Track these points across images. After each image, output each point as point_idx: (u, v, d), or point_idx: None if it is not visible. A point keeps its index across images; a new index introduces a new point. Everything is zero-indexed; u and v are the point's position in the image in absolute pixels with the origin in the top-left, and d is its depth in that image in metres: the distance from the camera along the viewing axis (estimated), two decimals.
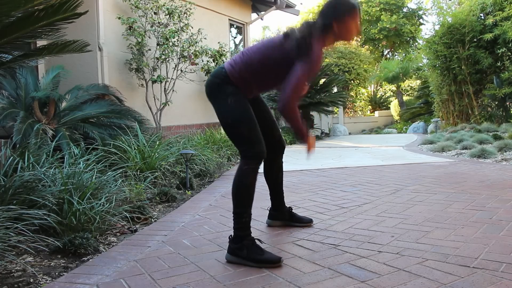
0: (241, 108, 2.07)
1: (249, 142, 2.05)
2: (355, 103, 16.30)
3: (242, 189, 2.06)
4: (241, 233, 2.00)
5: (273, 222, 2.55)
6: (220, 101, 2.10)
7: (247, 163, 2.05)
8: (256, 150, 2.05)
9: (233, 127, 2.08)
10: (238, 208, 2.05)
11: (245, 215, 2.03)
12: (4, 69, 2.68)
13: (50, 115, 4.17)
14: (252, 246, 1.96)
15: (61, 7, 2.18)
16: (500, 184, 3.53)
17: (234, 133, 2.10)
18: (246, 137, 2.05)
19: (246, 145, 2.05)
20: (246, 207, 2.05)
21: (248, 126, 2.05)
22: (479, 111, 9.72)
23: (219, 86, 2.11)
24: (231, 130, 2.10)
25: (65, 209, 2.36)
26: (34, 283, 1.79)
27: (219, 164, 5.05)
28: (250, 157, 2.04)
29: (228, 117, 2.08)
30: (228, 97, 2.07)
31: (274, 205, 2.54)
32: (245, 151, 2.06)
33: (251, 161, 2.04)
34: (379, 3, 18.24)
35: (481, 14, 9.47)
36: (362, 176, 4.25)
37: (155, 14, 5.92)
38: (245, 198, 2.05)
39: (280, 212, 2.54)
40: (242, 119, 2.05)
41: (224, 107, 2.09)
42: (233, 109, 2.06)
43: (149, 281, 1.75)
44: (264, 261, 1.90)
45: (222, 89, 2.10)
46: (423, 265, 1.81)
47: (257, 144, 2.05)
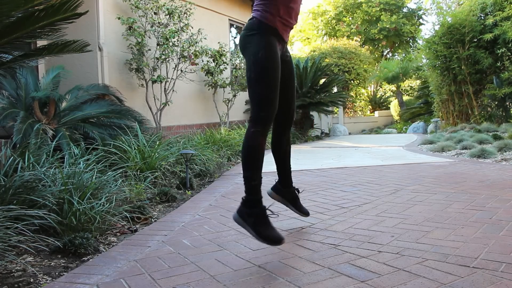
0: (271, 66, 2.02)
1: (261, 104, 2.02)
2: (355, 103, 16.31)
3: (250, 151, 2.03)
4: (252, 197, 1.99)
5: (273, 194, 2.51)
6: (252, 53, 2.05)
7: (254, 125, 2.03)
8: (263, 114, 2.01)
9: (256, 82, 2.03)
10: (247, 172, 2.02)
11: (255, 178, 2.01)
12: (4, 69, 2.68)
13: (50, 115, 4.17)
14: (261, 217, 1.94)
15: (61, 7, 2.18)
16: (500, 184, 3.53)
17: (254, 88, 2.05)
18: (261, 98, 2.02)
19: (257, 106, 2.03)
20: (255, 169, 2.02)
21: (269, 88, 2.01)
22: (479, 111, 9.72)
23: (252, 38, 2.07)
24: (253, 84, 2.05)
25: (65, 209, 2.36)
26: (34, 283, 1.79)
27: (219, 164, 5.05)
28: (256, 120, 2.02)
29: (255, 70, 2.04)
30: (260, 50, 2.03)
31: (281, 179, 2.49)
32: (253, 112, 2.04)
33: (257, 124, 2.02)
34: (379, 3, 18.25)
35: (481, 14, 9.46)
36: (362, 176, 4.25)
37: (155, 14, 5.92)
38: (253, 161, 2.02)
39: (285, 190, 2.49)
40: (267, 77, 2.01)
41: (254, 60, 2.04)
42: (263, 64, 2.02)
43: (149, 281, 1.75)
44: (266, 237, 1.89)
45: (255, 41, 2.06)
46: (423, 265, 1.81)
47: (267, 109, 2.01)
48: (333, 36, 18.94)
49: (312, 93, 9.14)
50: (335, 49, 13.97)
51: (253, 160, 2.02)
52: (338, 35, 18.73)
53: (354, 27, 18.79)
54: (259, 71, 2.03)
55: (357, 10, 18.89)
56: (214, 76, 7.30)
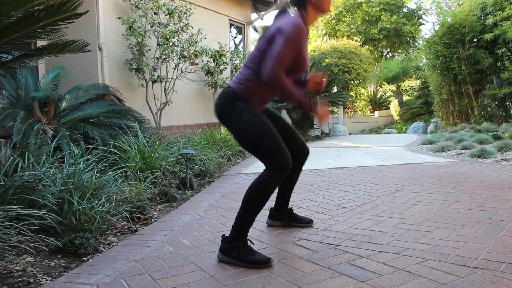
0: (258, 121, 2.00)
1: (274, 153, 1.97)
2: (355, 103, 16.30)
3: (257, 199, 1.99)
4: (237, 236, 1.98)
5: (273, 222, 2.55)
6: (234, 119, 2.04)
7: (272, 175, 1.97)
8: (282, 160, 1.96)
9: (254, 141, 2.00)
10: (245, 213, 2.00)
11: (249, 221, 2.01)
12: (4, 69, 2.68)
13: (50, 115, 4.17)
14: (242, 246, 1.94)
15: (61, 7, 2.18)
16: (500, 184, 3.53)
17: (257, 148, 2.01)
18: (270, 148, 1.97)
19: (272, 156, 1.98)
20: (254, 214, 2.01)
21: (270, 137, 1.98)
22: (479, 111, 9.72)
23: (229, 106, 2.05)
24: (253, 145, 2.02)
25: (65, 209, 2.36)
26: (34, 283, 1.79)
27: (219, 164, 5.05)
28: (276, 169, 1.96)
29: (246, 133, 2.01)
30: (241, 113, 2.02)
31: (277, 206, 2.53)
32: (271, 162, 1.98)
33: (277, 172, 1.96)
34: (379, 3, 18.24)
35: (481, 14, 9.46)
36: (362, 176, 4.25)
37: (155, 14, 5.92)
38: (256, 207, 2.00)
39: (281, 213, 2.53)
40: (262, 131, 1.98)
41: (240, 124, 2.02)
42: (250, 123, 2.00)
43: (149, 281, 1.75)
44: (254, 262, 1.89)
45: (233, 107, 2.04)
46: (423, 265, 1.81)
47: (283, 155, 1.97)
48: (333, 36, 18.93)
49: (312, 93, 9.13)
50: (335, 49, 13.96)
51: (257, 207, 2.01)
52: (338, 35, 18.72)
53: (354, 27, 18.78)
54: (252, 129, 2.00)
55: (357, 10, 18.88)
56: (214, 76, 7.30)
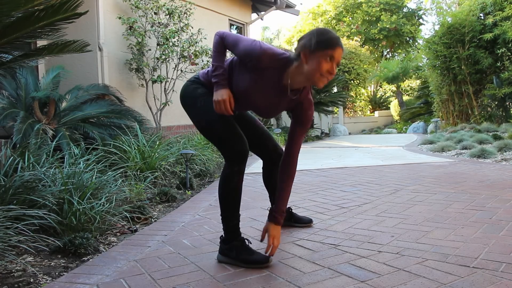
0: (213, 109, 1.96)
1: (228, 141, 1.96)
2: (355, 103, 16.31)
3: (228, 193, 1.98)
4: (230, 236, 1.98)
5: None
6: (191, 105, 2.05)
7: (230, 165, 1.96)
8: (236, 149, 1.94)
9: (209, 129, 2.00)
10: (225, 212, 1.99)
11: (233, 219, 1.99)
12: (4, 69, 2.68)
13: (50, 115, 4.17)
14: (241, 247, 1.94)
15: (61, 7, 2.18)
16: (500, 184, 3.53)
17: (211, 135, 2.01)
18: (224, 137, 1.96)
19: (226, 145, 1.97)
20: (233, 211, 1.99)
21: (223, 125, 1.96)
22: (479, 111, 9.72)
23: (188, 89, 2.08)
24: (208, 132, 2.02)
25: (65, 209, 2.36)
26: (34, 283, 1.79)
27: (219, 164, 5.05)
28: (231, 158, 1.96)
29: (201, 120, 2.02)
30: (197, 99, 2.02)
31: None
32: (225, 152, 1.97)
33: (234, 162, 1.95)
34: (379, 3, 18.25)
35: (481, 14, 9.47)
36: (362, 176, 4.25)
37: (155, 14, 5.92)
38: (231, 202, 1.98)
39: None
40: (215, 119, 1.96)
41: (196, 110, 2.03)
42: (205, 110, 1.99)
43: (149, 281, 1.75)
44: (253, 262, 1.89)
45: (191, 91, 2.06)
46: (423, 265, 1.81)
47: (237, 143, 1.95)
48: None
49: (312, 93, 9.13)
50: None
51: (232, 202, 1.99)
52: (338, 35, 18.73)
53: (354, 27, 18.79)
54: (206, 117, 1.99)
55: (357, 10, 18.89)
56: None
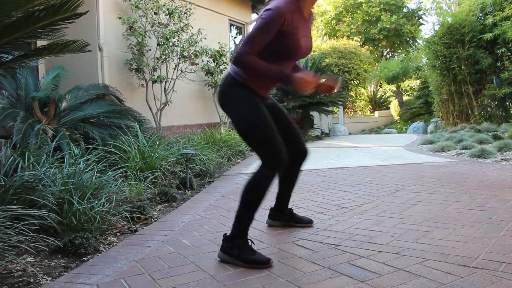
0: (256, 112, 1.97)
1: (269, 148, 1.95)
2: (355, 103, 16.30)
3: (254, 195, 1.97)
4: (238, 235, 1.98)
5: (274, 222, 2.55)
6: (233, 108, 2.02)
7: (266, 170, 1.96)
8: (277, 156, 1.94)
9: (250, 133, 1.98)
10: (244, 211, 1.99)
11: (249, 219, 2.00)
12: (4, 69, 2.68)
13: (50, 115, 4.17)
14: (243, 246, 1.94)
15: (62, 7, 2.18)
16: (500, 184, 3.53)
17: (252, 140, 2.00)
18: (265, 142, 1.95)
19: (266, 151, 1.96)
20: (252, 212, 2.00)
21: (266, 131, 1.95)
22: (479, 111, 9.72)
23: (228, 92, 2.03)
24: (249, 136, 2.00)
25: (65, 209, 2.36)
26: (34, 283, 1.79)
27: (219, 164, 5.05)
28: (270, 164, 1.95)
29: (243, 123, 1.99)
30: (240, 102, 1.99)
31: (277, 206, 2.52)
32: (265, 157, 1.96)
33: (271, 168, 1.95)
34: (379, 3, 18.24)
35: (481, 14, 9.47)
36: (362, 176, 4.25)
37: (155, 14, 5.92)
38: (253, 204, 1.98)
39: (281, 213, 2.53)
40: (258, 124, 1.95)
41: (238, 113, 2.00)
42: (248, 114, 1.97)
43: (149, 281, 1.75)
44: (253, 262, 1.89)
45: (232, 95, 2.02)
46: (423, 265, 1.81)
47: (278, 150, 1.95)
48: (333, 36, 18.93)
49: (312, 93, 9.13)
50: (335, 49, 13.96)
51: (254, 204, 1.99)
52: (338, 35, 18.72)
53: (354, 27, 18.79)
54: (247, 121, 1.98)
55: (357, 10, 18.88)
56: (214, 76, 7.30)
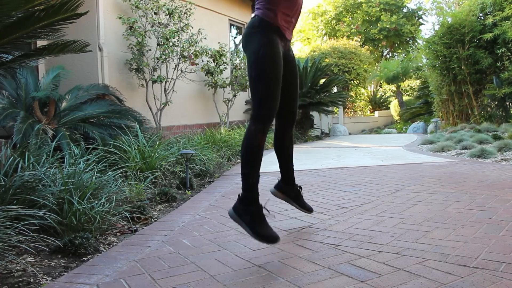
0: (272, 64, 2.01)
1: (262, 102, 2.01)
2: (355, 103, 16.31)
3: (250, 150, 2.03)
4: (249, 194, 1.99)
5: (277, 193, 2.51)
6: (252, 51, 2.05)
7: (255, 123, 2.03)
8: (265, 112, 2.01)
9: (257, 80, 2.03)
10: (246, 169, 2.03)
11: (253, 176, 2.02)
12: (5, 69, 2.68)
13: (50, 115, 4.17)
14: (257, 214, 1.95)
15: (62, 7, 2.18)
16: (500, 184, 3.53)
17: (255, 87, 2.05)
18: (264, 95, 2.01)
19: (258, 104, 2.02)
20: (254, 167, 2.02)
21: (271, 85, 2.00)
22: (479, 111, 9.72)
23: (253, 35, 2.07)
24: (254, 83, 2.04)
25: (65, 209, 2.36)
26: (34, 283, 1.79)
27: (219, 164, 5.05)
28: (257, 118, 2.02)
29: (256, 69, 2.03)
30: (261, 48, 2.02)
31: (283, 177, 2.50)
32: (254, 110, 2.04)
33: (259, 122, 2.02)
34: (379, 3, 18.25)
35: (481, 14, 9.47)
36: (362, 176, 4.25)
37: (155, 14, 5.92)
38: (252, 159, 2.03)
39: (289, 187, 2.49)
40: (268, 75, 2.01)
41: (255, 58, 2.04)
42: (264, 62, 2.02)
43: (149, 281, 1.75)
44: (262, 236, 1.90)
45: (256, 39, 2.05)
46: (423, 265, 1.81)
47: (270, 107, 2.01)
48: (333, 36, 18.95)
49: (312, 93, 9.14)
50: (335, 49, 13.98)
51: (253, 158, 2.03)
52: (338, 35, 18.74)
53: (354, 27, 18.79)
54: (260, 69, 2.02)
55: (357, 10, 18.90)
56: (214, 76, 7.31)
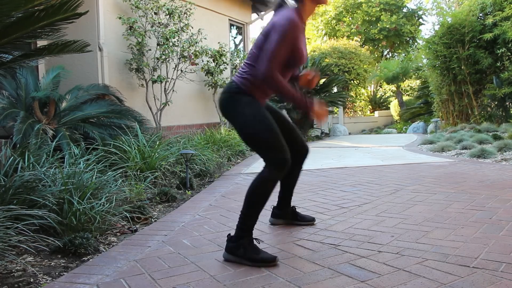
0: (260, 116, 2.02)
1: (274, 149, 1.99)
2: (355, 103, 16.30)
3: (259, 196, 2.00)
4: (242, 234, 1.99)
5: (276, 221, 2.56)
6: (237, 113, 2.05)
7: (272, 171, 1.99)
8: (282, 157, 1.98)
9: (255, 136, 2.02)
10: (249, 210, 2.01)
11: (254, 218, 2.02)
12: (5, 69, 2.68)
13: (50, 115, 4.17)
14: (248, 245, 1.95)
15: (62, 7, 2.18)
16: (500, 184, 3.53)
17: (257, 143, 2.04)
18: (270, 144, 1.99)
19: (272, 152, 1.99)
20: (257, 212, 2.02)
21: (271, 133, 2.00)
22: (479, 111, 9.72)
23: (232, 99, 2.07)
24: (254, 140, 2.04)
25: (65, 209, 2.36)
26: (34, 283, 1.79)
27: (219, 164, 5.05)
28: (275, 165, 1.98)
29: (248, 127, 2.03)
30: (244, 108, 2.03)
31: (279, 204, 2.54)
32: (270, 158, 2.00)
33: (277, 169, 1.98)
34: (379, 3, 18.24)
35: (481, 14, 9.47)
36: (362, 176, 4.25)
37: (155, 14, 5.92)
38: (258, 204, 2.01)
39: (284, 212, 2.54)
40: (263, 127, 2.00)
41: (242, 119, 2.04)
42: (252, 118, 2.01)
43: (149, 281, 1.75)
44: (260, 260, 1.90)
45: (236, 101, 2.06)
46: (423, 265, 1.81)
47: (283, 151, 1.99)
48: (333, 36, 18.93)
49: (312, 93, 9.14)
50: (335, 49, 13.96)
51: (259, 204, 2.01)
52: (338, 35, 18.73)
53: (354, 27, 18.79)
54: (253, 124, 2.01)
55: (357, 10, 18.88)
56: (214, 76, 7.30)
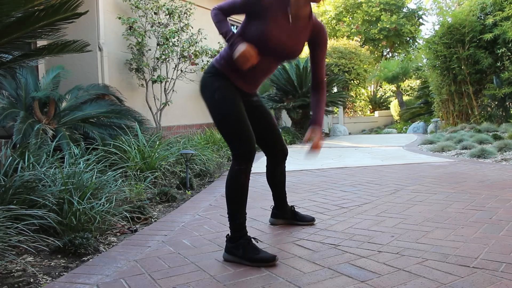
0: (229, 104, 1.99)
1: (237, 140, 1.98)
2: (355, 103, 16.30)
3: (235, 190, 2.00)
4: (236, 234, 1.99)
5: (276, 221, 2.56)
6: (208, 96, 2.05)
7: (237, 163, 1.99)
8: (244, 149, 1.97)
9: (222, 123, 2.01)
10: (232, 210, 2.01)
11: (239, 216, 2.00)
12: (4, 69, 2.68)
13: (50, 115, 4.17)
14: (247, 245, 1.95)
15: (61, 7, 2.18)
16: (500, 184, 3.53)
17: (224, 131, 2.03)
18: (234, 134, 1.98)
19: (235, 143, 1.99)
20: (239, 208, 2.01)
21: (236, 124, 1.98)
22: (479, 111, 9.72)
23: (206, 82, 2.07)
24: (222, 127, 2.03)
25: (65, 209, 2.36)
26: (34, 283, 1.79)
27: (219, 164, 5.05)
28: (238, 156, 1.98)
29: (215, 113, 2.03)
30: (215, 92, 2.02)
31: (277, 204, 2.55)
32: (234, 149, 2.00)
33: (241, 161, 1.98)
34: (379, 3, 18.24)
35: (481, 14, 9.47)
36: (362, 176, 4.25)
37: (155, 14, 5.92)
38: (237, 199, 2.00)
39: (283, 211, 2.54)
40: (229, 115, 1.98)
41: (211, 103, 2.04)
42: (221, 104, 2.00)
43: (149, 281, 1.75)
44: (259, 260, 1.90)
45: (210, 84, 2.05)
46: (423, 265, 1.81)
47: (245, 143, 1.97)
48: (333, 36, 18.92)
49: None
50: (335, 49, 13.95)
51: (238, 198, 2.00)
52: (338, 35, 18.72)
53: (354, 27, 18.78)
54: (221, 112, 2.00)
55: (357, 10, 18.88)
56: None
